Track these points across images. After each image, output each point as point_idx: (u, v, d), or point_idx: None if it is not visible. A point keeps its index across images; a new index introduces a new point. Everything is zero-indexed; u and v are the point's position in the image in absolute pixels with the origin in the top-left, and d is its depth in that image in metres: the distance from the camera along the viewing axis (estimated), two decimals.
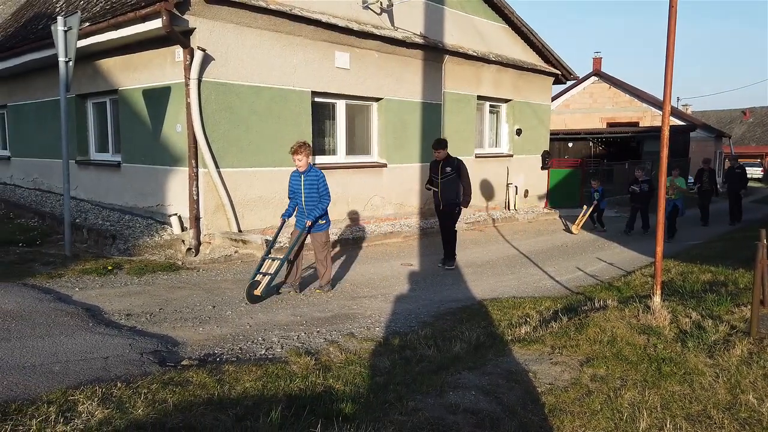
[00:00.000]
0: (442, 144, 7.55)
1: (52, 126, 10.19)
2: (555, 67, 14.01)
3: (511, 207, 13.23)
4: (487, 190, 12.58)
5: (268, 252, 6.08)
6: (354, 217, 9.73)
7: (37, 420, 2.77)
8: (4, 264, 6.24)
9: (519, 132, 13.48)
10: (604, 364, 3.78)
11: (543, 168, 14.25)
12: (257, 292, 5.58)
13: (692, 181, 15.75)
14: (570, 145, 21.33)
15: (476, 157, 12.29)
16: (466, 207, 7.73)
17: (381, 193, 10.21)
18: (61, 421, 2.79)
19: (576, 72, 14.86)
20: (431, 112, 11.00)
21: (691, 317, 4.57)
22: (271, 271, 5.76)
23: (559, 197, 13.95)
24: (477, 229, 11.09)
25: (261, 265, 5.84)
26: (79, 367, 3.64)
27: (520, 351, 4.09)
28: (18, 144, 12.32)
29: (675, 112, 24.87)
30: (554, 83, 14.74)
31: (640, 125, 24.89)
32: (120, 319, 4.83)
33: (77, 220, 8.39)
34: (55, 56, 6.93)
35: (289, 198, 6.25)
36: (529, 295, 6.30)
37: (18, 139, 12.27)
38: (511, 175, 13.21)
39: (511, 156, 13.36)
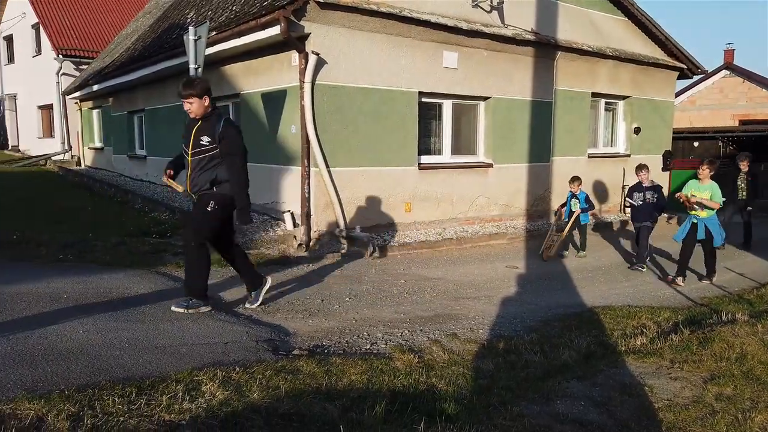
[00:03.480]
0: (193, 85, 4.62)
1: (182, 128, 11.10)
2: (680, 61, 13.00)
3: (627, 210, 12.47)
4: (601, 192, 11.97)
5: None
6: (459, 216, 9.68)
7: (167, 396, 3.04)
8: (140, 253, 6.91)
9: (637, 131, 12.67)
10: (732, 382, 3.47)
11: (664, 169, 13.28)
12: None
13: None
14: (695, 144, 19.68)
15: (589, 157, 11.74)
16: (244, 209, 4.80)
17: (486, 193, 10.06)
18: (187, 399, 3.04)
19: (704, 65, 13.70)
20: (541, 111, 10.65)
21: None
22: None
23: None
24: (588, 233, 10.58)
25: None
26: (202, 350, 3.95)
27: (635, 363, 3.86)
28: (153, 144, 13.59)
29: None
30: (678, 78, 13.67)
31: None
32: (238, 308, 5.17)
33: None
34: (186, 63, 7.55)
35: None
36: (646, 304, 5.92)
37: (153, 139, 13.53)
38: (627, 176, 12.43)
39: (628, 156, 12.59)
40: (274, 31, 7.43)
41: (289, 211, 8.41)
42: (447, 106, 9.66)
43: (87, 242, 7.21)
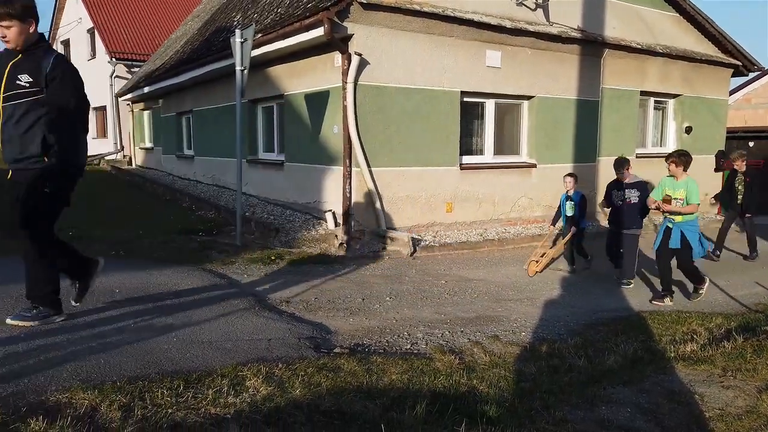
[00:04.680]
0: (11, 2, 3.32)
1: (228, 129, 11.37)
2: (735, 58, 12.49)
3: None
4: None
5: None
6: (500, 217, 9.57)
7: (212, 390, 3.12)
8: (188, 250, 7.11)
9: (689, 130, 12.24)
10: None
11: (716, 170, 12.77)
12: None
13: None
14: (751, 144, 18.88)
15: (637, 156, 11.40)
16: (62, 174, 3.60)
17: (529, 194, 9.91)
18: (232, 393, 3.11)
19: (761, 62, 13.12)
20: (587, 110, 10.42)
21: None
22: None
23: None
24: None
25: None
26: (246, 346, 4.03)
27: (685, 370, 3.74)
28: (200, 144, 13.96)
29: None
30: (733, 75, 13.15)
31: None
32: (281, 305, 5.25)
33: (247, 214, 9.27)
34: (233, 65, 7.72)
35: None
36: (696, 309, 5.72)
37: (200, 140, 13.90)
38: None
39: None
40: (318, 32, 7.52)
41: (330, 210, 8.50)
42: (490, 105, 9.56)
43: (137, 239, 7.47)
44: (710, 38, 12.10)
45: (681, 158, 5.91)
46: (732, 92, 20.64)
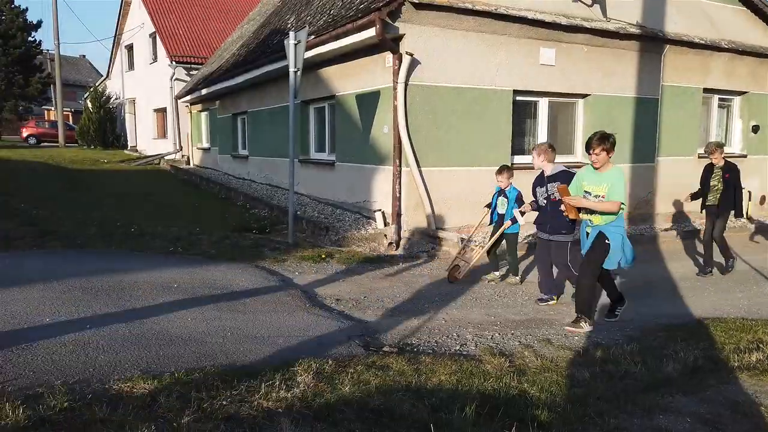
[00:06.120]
0: None
1: (281, 129, 11.59)
2: None
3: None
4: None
5: None
6: None
7: (265, 384, 3.19)
8: (241, 248, 7.31)
9: (756, 129, 11.62)
10: None
11: None
12: None
13: None
14: None
15: (699, 157, 10.92)
16: None
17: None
18: (284, 388, 3.17)
19: None
20: (646, 108, 10.06)
21: None
22: None
23: None
24: (697, 238, 9.86)
25: None
26: (297, 342, 4.11)
27: (750, 380, 3.56)
28: (254, 145, 14.30)
29: None
30: None
31: None
32: (331, 303, 5.32)
33: (298, 213, 9.44)
34: (286, 67, 7.87)
35: None
36: (763, 317, 5.42)
37: (254, 140, 14.24)
38: (743, 178, 11.43)
39: (745, 156, 11.58)
40: (370, 33, 7.56)
41: (380, 210, 8.54)
42: (543, 104, 9.38)
43: (194, 236, 7.73)
44: None
45: (603, 142, 4.52)
46: None
